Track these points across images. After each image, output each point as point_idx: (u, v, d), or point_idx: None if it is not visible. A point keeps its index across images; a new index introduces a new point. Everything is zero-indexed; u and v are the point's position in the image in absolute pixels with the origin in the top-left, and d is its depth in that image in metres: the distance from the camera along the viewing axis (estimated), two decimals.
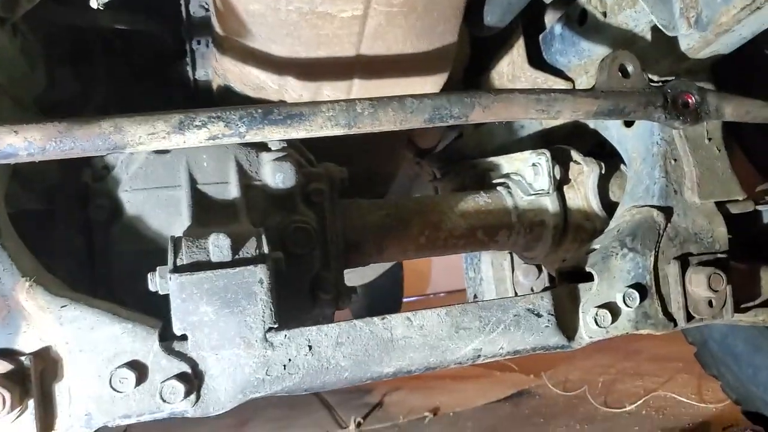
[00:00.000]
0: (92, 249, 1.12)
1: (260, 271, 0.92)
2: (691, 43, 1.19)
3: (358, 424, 3.38)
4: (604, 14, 1.36)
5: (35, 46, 1.19)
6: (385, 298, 5.72)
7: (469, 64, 1.75)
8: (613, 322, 1.13)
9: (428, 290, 8.09)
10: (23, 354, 0.87)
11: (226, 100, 1.37)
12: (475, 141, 1.75)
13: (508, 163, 1.57)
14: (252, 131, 0.90)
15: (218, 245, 0.93)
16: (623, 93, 1.10)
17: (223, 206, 1.10)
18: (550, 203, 1.47)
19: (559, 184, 1.49)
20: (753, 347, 2.04)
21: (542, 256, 1.55)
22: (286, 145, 1.20)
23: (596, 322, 1.12)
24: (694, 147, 1.28)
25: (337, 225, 1.29)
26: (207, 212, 1.07)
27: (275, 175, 1.14)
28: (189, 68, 1.41)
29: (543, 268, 1.85)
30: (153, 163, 1.12)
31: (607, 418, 3.00)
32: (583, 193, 1.48)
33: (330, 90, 1.21)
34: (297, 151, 1.25)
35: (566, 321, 1.11)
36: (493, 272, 1.92)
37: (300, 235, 1.15)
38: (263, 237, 0.98)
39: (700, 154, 1.28)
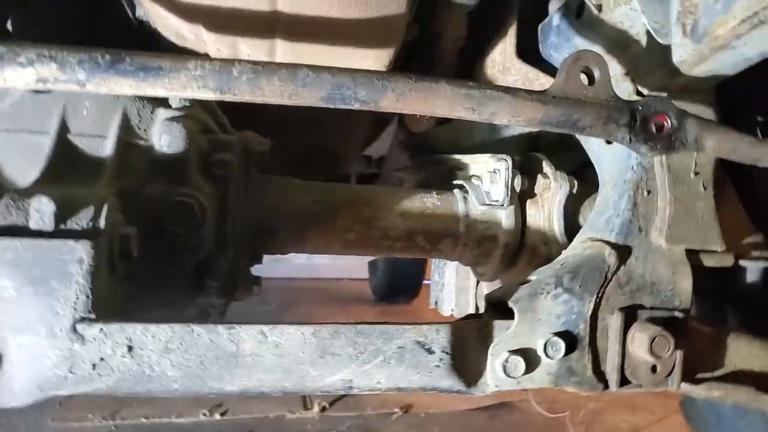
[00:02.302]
0: None
1: (81, 248, 0.77)
2: (684, 55, 0.96)
3: (323, 408, 3.26)
4: (599, 8, 1.14)
5: None
6: (407, 276, 5.58)
7: (465, 48, 1.55)
8: (527, 372, 0.94)
9: None
10: None
11: (159, 46, 1.22)
12: (450, 133, 1.56)
13: (474, 164, 1.37)
14: (94, 80, 0.74)
15: (39, 209, 0.78)
16: (579, 102, 0.89)
17: (89, 164, 0.94)
18: (505, 217, 1.27)
19: (523, 198, 1.29)
20: (739, 410, 1.84)
21: (492, 274, 1.35)
22: (188, 104, 1.03)
23: (505, 369, 0.93)
24: (675, 180, 1.06)
25: (248, 205, 1.13)
26: (66, 168, 0.92)
27: (161, 136, 0.98)
28: (126, 5, 1.26)
29: None
30: (27, 102, 0.97)
31: None
32: (546, 211, 1.27)
33: (248, 47, 1.04)
34: (208, 112, 1.09)
35: (468, 363, 0.93)
36: (457, 280, 1.73)
37: (180, 212, 0.99)
38: (105, 207, 0.82)
39: (681, 189, 1.06)
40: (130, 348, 0.79)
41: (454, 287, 1.73)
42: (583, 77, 0.92)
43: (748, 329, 1.14)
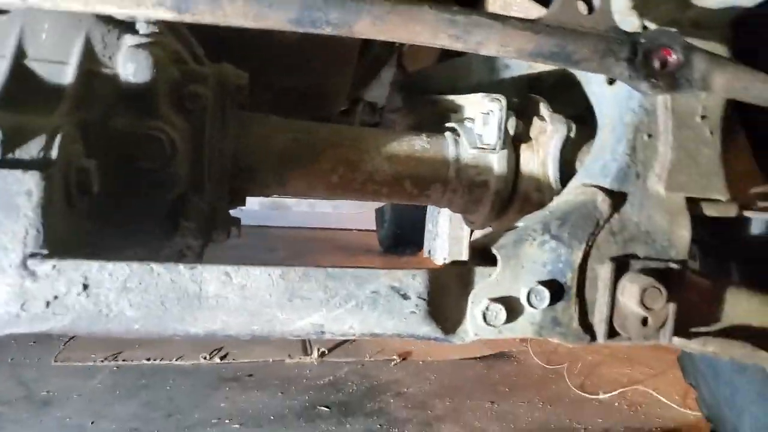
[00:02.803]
0: None
1: (29, 179, 0.72)
2: None
3: (322, 354, 3.28)
4: None
5: None
6: (414, 228, 5.54)
7: None
8: (508, 321, 0.90)
9: None
10: None
11: None
12: (447, 72, 1.48)
13: (467, 105, 1.30)
14: None
15: None
16: (575, 33, 0.81)
17: (47, 92, 0.88)
18: (497, 162, 1.21)
19: (516, 142, 1.22)
20: (737, 366, 1.81)
21: (482, 222, 1.30)
22: (158, 30, 0.96)
23: (485, 317, 0.89)
24: (678, 123, 0.99)
25: (225, 142, 1.07)
26: (22, 95, 0.86)
27: (126, 64, 0.91)
28: None
29: None
30: None
31: (575, 402, 2.80)
32: (541, 156, 1.20)
33: None
34: (181, 42, 1.02)
35: (446, 309, 0.88)
36: (450, 229, 1.69)
37: (149, 145, 0.93)
38: (59, 136, 0.77)
39: (685, 133, 0.99)
40: (85, 286, 0.75)
41: (447, 236, 1.69)
42: (581, 5, 0.84)
43: (750, 283, 1.08)
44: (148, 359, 3.16)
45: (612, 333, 0.94)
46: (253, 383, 2.91)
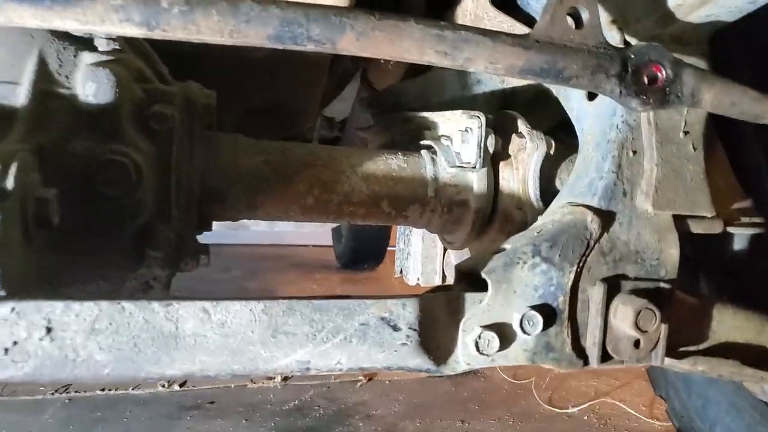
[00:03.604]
0: None
1: None
2: None
3: (285, 378, 3.18)
4: None
5: None
6: (371, 243, 5.47)
7: None
8: (501, 349, 0.86)
9: None
10: None
11: None
12: (419, 88, 1.44)
13: (443, 122, 1.27)
14: None
15: None
16: (566, 48, 0.79)
17: None
18: (476, 180, 1.18)
19: (495, 160, 1.19)
20: (708, 378, 1.81)
21: (461, 242, 1.26)
22: (119, 47, 0.90)
23: (477, 346, 0.84)
24: (662, 139, 0.98)
25: (193, 166, 1.01)
26: None
27: (86, 84, 0.85)
28: None
29: None
30: None
31: (545, 418, 2.78)
32: (521, 174, 1.18)
33: None
34: (143, 59, 0.96)
35: (437, 339, 0.84)
36: (423, 248, 1.64)
37: (111, 171, 0.86)
38: (15, 165, 0.70)
39: (669, 150, 0.98)
40: (49, 329, 0.67)
41: (420, 256, 1.64)
42: (570, 20, 0.82)
43: (731, 299, 1.08)
44: (102, 390, 3.01)
45: (605, 356, 0.91)
46: (215, 411, 2.79)
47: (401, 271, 1.74)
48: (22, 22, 0.62)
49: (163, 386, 3.03)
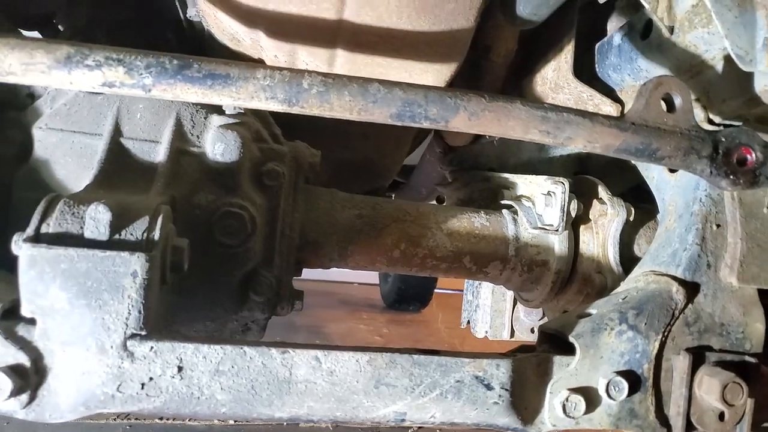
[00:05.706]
0: None
1: (135, 261, 0.73)
2: None
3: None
4: (671, 30, 1.09)
5: None
6: (418, 285, 5.48)
7: (515, 62, 1.50)
8: (587, 412, 0.89)
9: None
10: None
11: (210, 49, 1.18)
12: (496, 150, 1.51)
13: (524, 184, 1.32)
14: (160, 86, 0.71)
15: (95, 218, 0.74)
16: (660, 131, 0.84)
17: (141, 169, 0.90)
18: (558, 243, 1.22)
19: (575, 223, 1.24)
20: None
21: (539, 301, 1.30)
22: (243, 111, 0.99)
23: (564, 409, 0.88)
24: (746, 215, 1.01)
25: (295, 217, 1.09)
26: (118, 173, 0.89)
27: (215, 144, 0.94)
28: (178, 4, 1.22)
29: None
30: (81, 102, 0.94)
31: None
32: (601, 239, 1.22)
33: (307, 56, 1.00)
34: (260, 121, 1.05)
35: (526, 399, 0.88)
36: (492, 301, 1.68)
37: (230, 223, 0.95)
38: (161, 218, 0.78)
39: (753, 225, 1.01)
40: (180, 368, 0.75)
41: (489, 309, 1.68)
42: (663, 104, 0.87)
43: None
44: (161, 419, 3.10)
45: (689, 427, 0.93)
46: None
47: (468, 323, 1.78)
48: (187, 97, 0.72)
49: (219, 420, 3.10)
